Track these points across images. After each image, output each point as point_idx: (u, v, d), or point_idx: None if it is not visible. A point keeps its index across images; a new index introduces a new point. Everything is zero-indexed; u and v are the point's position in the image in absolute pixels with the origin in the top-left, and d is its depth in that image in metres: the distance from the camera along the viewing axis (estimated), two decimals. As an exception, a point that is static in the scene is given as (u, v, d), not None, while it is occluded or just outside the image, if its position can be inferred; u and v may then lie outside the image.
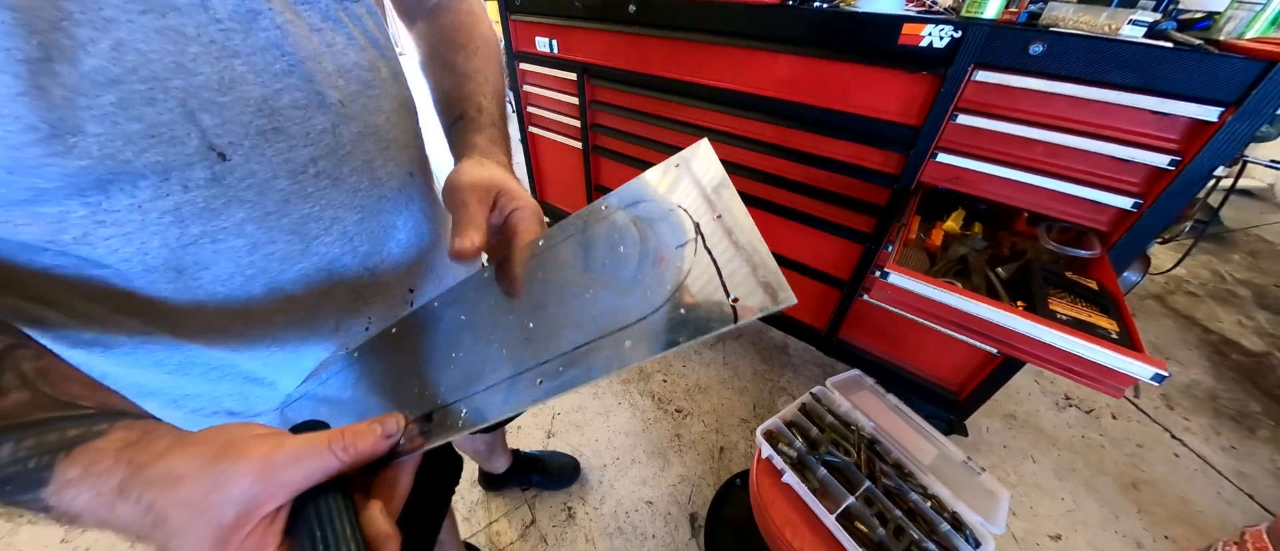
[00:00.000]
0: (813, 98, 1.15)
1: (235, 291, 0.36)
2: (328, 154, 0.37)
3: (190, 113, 0.29)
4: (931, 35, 0.91)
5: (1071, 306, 0.73)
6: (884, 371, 1.33)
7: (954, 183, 1.01)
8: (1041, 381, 1.72)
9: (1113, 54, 0.78)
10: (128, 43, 0.26)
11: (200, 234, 0.32)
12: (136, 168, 0.28)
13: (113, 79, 0.26)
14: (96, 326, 0.33)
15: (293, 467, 0.24)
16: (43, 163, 0.25)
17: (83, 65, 0.25)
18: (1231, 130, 0.74)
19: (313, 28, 0.35)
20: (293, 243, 0.37)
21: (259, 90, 0.32)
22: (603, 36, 1.47)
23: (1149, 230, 0.85)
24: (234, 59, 0.30)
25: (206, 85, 0.29)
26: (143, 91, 0.27)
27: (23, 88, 0.24)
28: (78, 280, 0.31)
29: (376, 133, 0.41)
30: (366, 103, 0.39)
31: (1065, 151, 0.88)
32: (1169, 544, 1.27)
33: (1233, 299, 2.26)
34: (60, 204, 0.27)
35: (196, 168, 0.30)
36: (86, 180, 0.27)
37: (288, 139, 0.34)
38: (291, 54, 0.33)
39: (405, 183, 0.46)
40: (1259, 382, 1.79)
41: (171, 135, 0.29)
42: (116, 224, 0.29)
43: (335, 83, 0.36)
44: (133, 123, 0.27)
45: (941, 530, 0.77)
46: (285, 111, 0.33)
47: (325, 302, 0.41)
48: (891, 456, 0.89)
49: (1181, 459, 1.50)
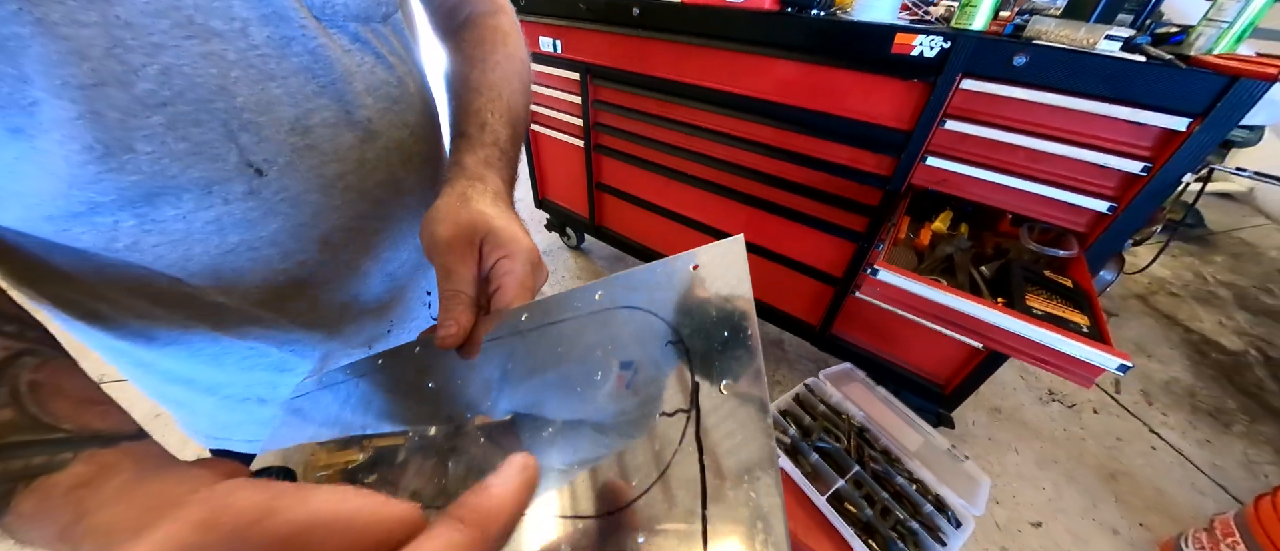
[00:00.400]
0: (809, 102, 1.19)
1: (268, 295, 0.39)
2: (355, 169, 0.39)
3: (231, 132, 0.31)
4: (922, 45, 0.96)
5: (1047, 302, 0.78)
6: (875, 365, 1.39)
7: (942, 185, 1.06)
8: (1026, 377, 1.78)
9: (1090, 66, 0.83)
10: (175, 68, 0.28)
11: (238, 243, 0.35)
12: (181, 183, 0.30)
13: (162, 101, 0.28)
14: (143, 319, 0.37)
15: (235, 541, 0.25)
16: (98, 179, 0.28)
17: (134, 89, 0.27)
18: (1198, 139, 0.79)
19: (343, 50, 0.36)
20: (322, 251, 0.39)
21: (293, 111, 0.34)
22: (605, 38, 1.51)
23: (1123, 232, 0.91)
24: (270, 82, 0.32)
25: (246, 107, 0.31)
26: (189, 113, 0.29)
27: (79, 112, 0.26)
28: (127, 280, 0.33)
29: (401, 147, 0.43)
30: (392, 119, 0.41)
31: (1046, 157, 0.93)
32: (1144, 531, 1.33)
33: (1214, 299, 2.34)
34: (113, 215, 0.30)
35: (235, 183, 0.32)
36: (136, 194, 0.29)
37: (319, 156, 0.36)
38: (323, 76, 0.35)
39: (426, 195, 0.48)
40: (1236, 380, 1.86)
41: (214, 153, 0.31)
42: (163, 233, 0.32)
43: (364, 102, 0.38)
44: (179, 142, 0.29)
45: (925, 511, 0.82)
46: (316, 130, 0.35)
47: (351, 306, 0.44)
48: (880, 443, 0.94)
49: (1158, 451, 1.56)
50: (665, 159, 1.61)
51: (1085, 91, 0.85)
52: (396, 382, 0.38)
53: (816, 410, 1.00)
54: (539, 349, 0.29)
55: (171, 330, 0.38)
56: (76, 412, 0.26)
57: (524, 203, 2.88)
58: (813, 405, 1.02)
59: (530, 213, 2.74)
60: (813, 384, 1.07)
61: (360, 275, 0.44)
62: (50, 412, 0.26)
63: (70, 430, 0.26)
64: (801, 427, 0.96)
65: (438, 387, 0.33)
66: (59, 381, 0.27)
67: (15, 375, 0.26)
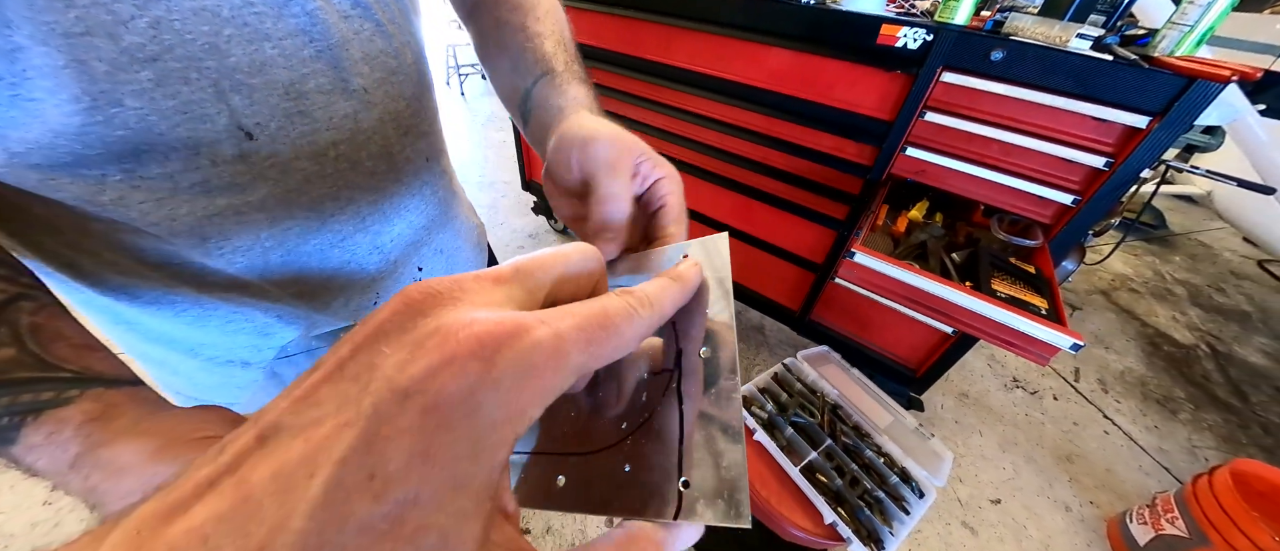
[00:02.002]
0: (796, 89, 1.22)
1: (254, 260, 0.38)
2: (349, 138, 0.38)
3: (222, 93, 0.30)
4: (907, 37, 0.99)
5: (1011, 287, 0.83)
6: (851, 349, 1.44)
7: (920, 175, 1.10)
8: (993, 365, 1.86)
9: (1062, 63, 0.87)
10: (166, 21, 0.27)
11: (225, 206, 0.34)
12: (169, 141, 0.30)
13: (151, 56, 0.27)
14: (125, 276, 0.36)
15: None
16: (84, 130, 0.27)
17: (123, 41, 0.26)
18: (1157, 137, 0.84)
19: (342, 15, 0.35)
20: (310, 220, 0.39)
21: (287, 75, 0.33)
22: (597, 18, 1.51)
23: (1084, 224, 0.96)
24: (265, 43, 0.31)
25: (238, 67, 0.30)
26: (178, 70, 0.28)
27: (65, 60, 0.25)
28: (109, 236, 0.33)
29: (397, 118, 0.42)
30: (389, 89, 0.40)
31: (1018, 150, 0.97)
32: (1093, 508, 1.42)
33: (1170, 296, 2.46)
34: (100, 169, 0.29)
35: (225, 145, 0.32)
36: (123, 149, 0.29)
37: (312, 122, 0.35)
38: (320, 41, 0.34)
39: (420, 167, 0.47)
40: (1185, 372, 1.98)
41: (203, 113, 0.30)
42: (149, 190, 0.31)
43: (360, 70, 0.37)
44: (168, 99, 0.29)
45: (891, 482, 0.87)
46: (311, 96, 0.34)
47: (337, 276, 0.44)
48: (851, 420, 0.99)
49: (1110, 436, 1.66)
50: (652, 142, 1.61)
51: (1056, 88, 0.89)
52: None
53: (793, 388, 1.05)
54: None
55: (154, 290, 0.38)
56: (77, 356, 0.27)
57: (512, 185, 2.87)
58: (790, 383, 1.06)
59: (518, 195, 2.73)
60: (791, 364, 1.11)
61: (349, 246, 0.43)
62: (52, 354, 0.26)
63: (74, 370, 0.27)
64: (778, 403, 1.01)
65: None
66: (57, 325, 0.28)
67: (15, 317, 0.26)
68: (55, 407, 0.24)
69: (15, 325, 0.26)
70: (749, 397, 1.02)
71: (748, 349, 1.84)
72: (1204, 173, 1.33)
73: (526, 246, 2.40)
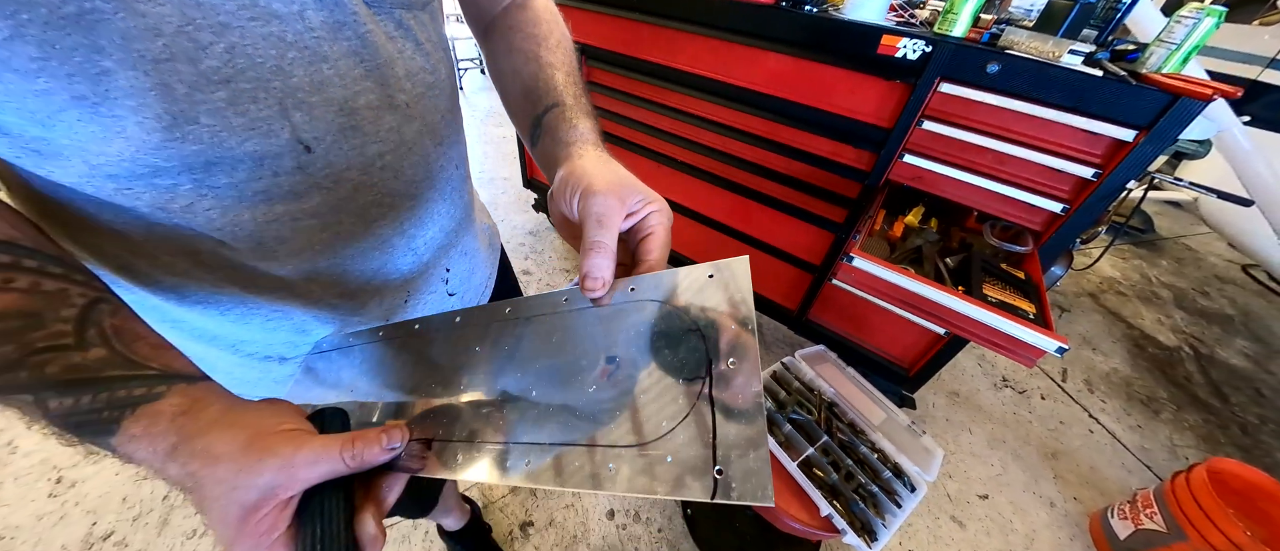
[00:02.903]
0: (798, 95, 1.25)
1: (303, 263, 0.41)
2: (393, 149, 0.41)
3: (285, 110, 0.33)
4: (906, 47, 1.02)
5: (1001, 292, 0.87)
6: (846, 349, 1.48)
7: (916, 181, 1.13)
8: (983, 365, 1.91)
9: (1054, 77, 0.90)
10: (239, 47, 0.30)
11: (283, 213, 0.37)
12: (237, 154, 0.33)
13: (225, 78, 0.30)
14: (177, 277, 0.39)
15: (309, 468, 0.28)
16: (163, 146, 0.30)
17: (201, 65, 0.29)
18: (1143, 149, 0.88)
19: (387, 36, 0.38)
20: (356, 225, 0.42)
21: (341, 92, 0.36)
22: (603, 20, 1.53)
23: (1073, 231, 1.00)
24: (323, 64, 0.34)
25: (299, 87, 0.33)
26: (248, 90, 0.31)
27: (152, 83, 0.28)
28: (172, 240, 0.35)
29: (433, 130, 0.45)
30: (427, 103, 0.43)
31: (1011, 159, 1.01)
32: (1077, 504, 1.48)
33: (1155, 299, 2.52)
34: (173, 179, 0.32)
35: (285, 157, 0.35)
36: (196, 161, 0.32)
37: (362, 136, 0.38)
38: (369, 60, 0.37)
39: (450, 174, 0.51)
40: (1168, 373, 2.04)
41: (268, 128, 0.33)
42: (216, 199, 0.34)
43: (403, 86, 0.40)
44: (238, 117, 0.31)
45: (884, 477, 0.91)
46: (361, 111, 0.37)
47: (375, 279, 0.47)
48: (847, 417, 1.03)
49: (1095, 434, 1.71)
50: (654, 143, 1.65)
51: (1048, 101, 0.93)
52: (401, 354, 0.42)
53: (791, 386, 1.08)
54: (550, 335, 0.35)
55: (203, 290, 0.41)
56: (157, 355, 0.30)
57: (512, 182, 2.88)
58: (788, 381, 1.10)
59: (518, 192, 2.75)
60: (789, 362, 1.15)
61: (388, 249, 0.47)
62: (136, 354, 0.29)
63: (159, 368, 0.30)
64: (777, 401, 1.04)
65: (440, 363, 0.38)
66: (134, 327, 0.31)
67: (99, 319, 0.29)
68: (149, 402, 0.28)
69: (100, 327, 0.29)
70: (749, 395, 1.06)
71: (745, 347, 1.87)
72: (1187, 185, 1.37)
73: (527, 244, 2.42)
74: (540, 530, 1.28)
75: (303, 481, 0.28)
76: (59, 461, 1.38)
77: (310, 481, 0.28)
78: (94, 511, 1.29)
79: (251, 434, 0.28)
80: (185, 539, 1.24)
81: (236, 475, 0.27)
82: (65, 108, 0.27)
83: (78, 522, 1.26)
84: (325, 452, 0.29)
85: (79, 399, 0.26)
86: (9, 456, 1.39)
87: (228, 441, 0.28)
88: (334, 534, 0.28)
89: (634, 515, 1.32)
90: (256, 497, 0.27)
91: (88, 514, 1.28)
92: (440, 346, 0.40)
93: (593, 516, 1.31)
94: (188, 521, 1.27)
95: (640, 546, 1.25)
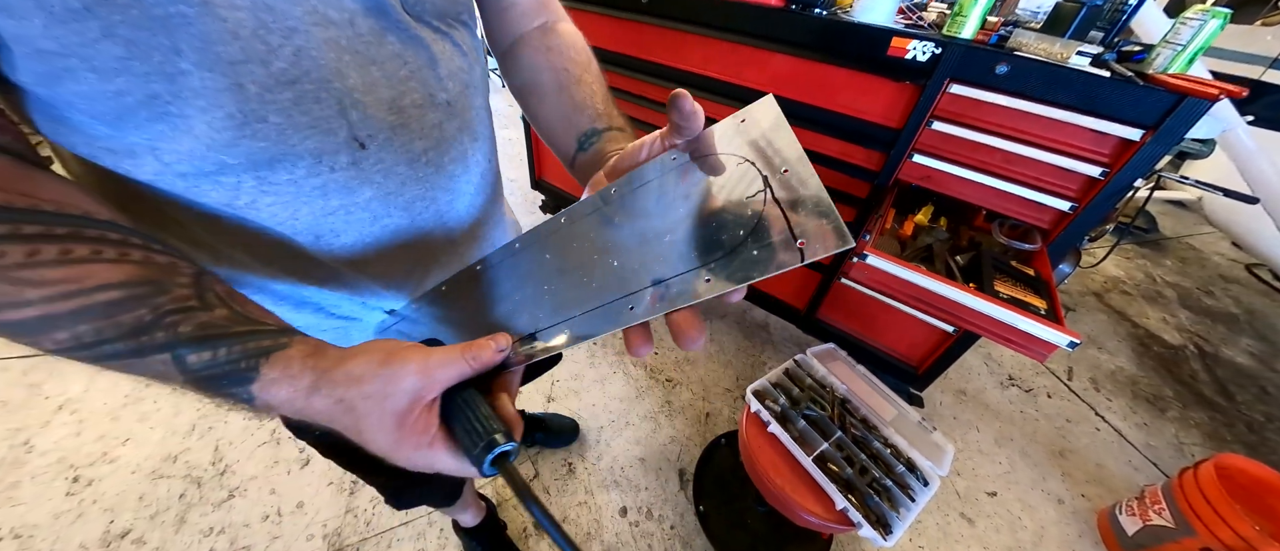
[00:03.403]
0: (807, 96, 1.26)
1: (354, 253, 0.44)
2: (436, 145, 0.44)
3: (343, 110, 0.36)
4: (916, 49, 1.04)
5: (1012, 288, 0.88)
6: (855, 347, 1.49)
7: (926, 181, 1.15)
8: (989, 363, 1.92)
9: (1062, 78, 0.92)
10: (304, 50, 0.32)
11: (338, 206, 0.39)
12: (299, 151, 0.35)
13: (292, 79, 0.32)
14: (235, 268, 0.41)
15: (443, 370, 0.31)
16: (233, 143, 0.32)
17: (272, 67, 0.31)
18: (1149, 149, 0.90)
19: (429, 40, 0.41)
20: (402, 217, 0.45)
21: (390, 92, 0.38)
22: (614, 23, 1.55)
23: (1081, 229, 1.01)
24: (372, 66, 0.36)
25: (354, 88, 0.36)
26: (311, 91, 0.33)
27: (227, 84, 0.30)
28: (237, 233, 0.38)
29: (469, 126, 0.48)
30: (464, 101, 0.46)
31: (1019, 159, 1.03)
32: (1084, 500, 1.49)
33: (1160, 299, 2.54)
34: (237, 176, 0.34)
35: (342, 154, 0.37)
36: (261, 158, 0.34)
37: (408, 133, 0.40)
38: (413, 62, 0.39)
39: (485, 168, 0.54)
40: (1173, 372, 2.05)
41: (328, 127, 0.35)
42: (277, 194, 0.36)
43: (445, 85, 0.43)
44: (302, 116, 0.34)
45: (898, 471, 0.93)
46: (408, 110, 0.40)
47: (418, 265, 0.50)
48: (859, 413, 1.04)
49: (1101, 432, 1.72)
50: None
51: (1056, 101, 0.94)
52: (471, 297, 0.45)
53: (804, 383, 1.10)
54: (610, 223, 0.38)
55: (260, 279, 0.43)
56: (267, 316, 0.33)
57: (520, 183, 2.90)
58: (800, 378, 1.11)
59: (526, 193, 2.77)
60: (801, 360, 1.17)
61: (428, 238, 0.49)
62: (251, 313, 0.32)
63: (274, 325, 0.32)
64: (790, 398, 1.06)
65: (509, 289, 0.41)
66: (240, 295, 0.33)
67: (211, 286, 0.31)
68: (279, 350, 0.30)
69: (216, 291, 0.31)
70: (762, 392, 1.07)
71: (753, 345, 1.89)
72: (1193, 183, 1.39)
73: (535, 244, 2.43)
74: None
75: (441, 382, 0.31)
76: (75, 460, 1.39)
77: (447, 382, 0.31)
78: (111, 509, 1.30)
79: (384, 354, 0.31)
80: (202, 536, 1.25)
81: (384, 386, 0.29)
82: (136, 108, 0.29)
83: (95, 520, 1.27)
84: (451, 357, 0.32)
85: (216, 352, 0.29)
86: (25, 455, 1.40)
87: (365, 364, 0.30)
88: (483, 417, 0.31)
89: (646, 512, 1.33)
90: (407, 402, 0.30)
91: (105, 512, 1.29)
92: (505, 273, 0.42)
93: (606, 513, 1.32)
94: (205, 518, 1.28)
95: (653, 544, 1.26)
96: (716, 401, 1.65)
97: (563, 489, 1.37)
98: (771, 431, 0.98)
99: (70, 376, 1.59)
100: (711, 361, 1.80)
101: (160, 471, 1.36)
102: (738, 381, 1.73)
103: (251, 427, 1.47)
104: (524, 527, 1.30)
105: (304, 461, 1.40)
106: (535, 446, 1.45)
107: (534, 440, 1.44)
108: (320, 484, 1.35)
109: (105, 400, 1.53)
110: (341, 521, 1.27)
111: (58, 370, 1.61)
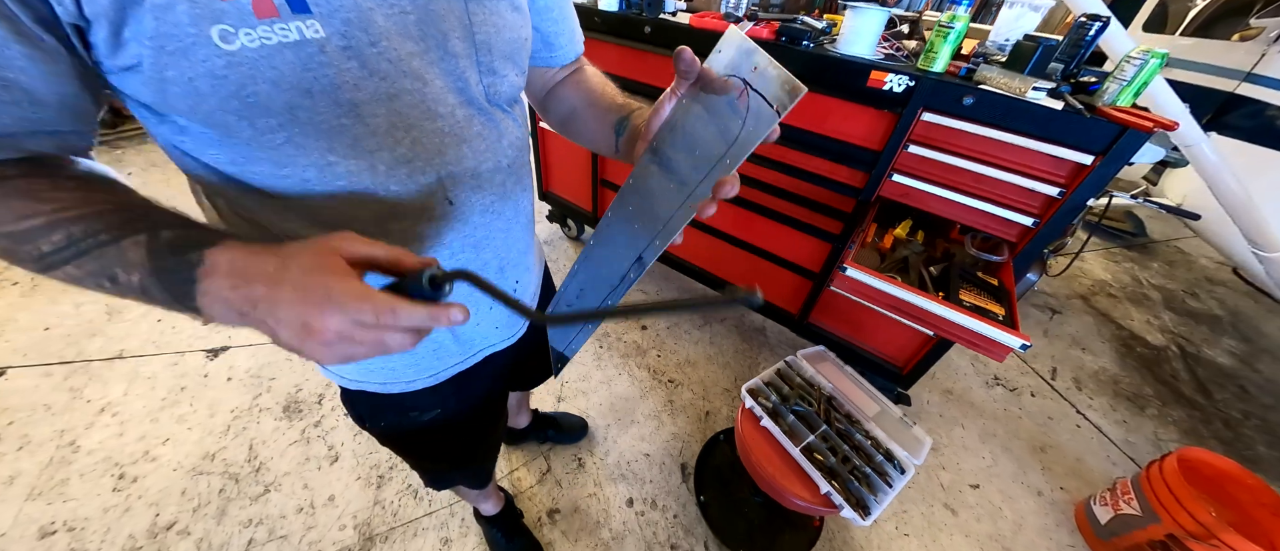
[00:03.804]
0: (799, 121, 1.38)
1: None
2: (498, 198, 0.55)
3: (441, 179, 0.47)
4: (892, 81, 1.15)
5: (976, 297, 0.99)
6: (845, 349, 1.60)
7: (904, 197, 1.26)
8: (975, 364, 2.02)
9: (1021, 110, 1.03)
10: (419, 139, 0.44)
11: (429, 248, 0.51)
12: (407, 209, 0.47)
13: (407, 159, 0.44)
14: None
15: (361, 243, 0.35)
16: (363, 203, 0.43)
17: (397, 151, 0.42)
18: (1100, 172, 1.00)
19: (499, 119, 0.52)
20: (472, 255, 0.57)
21: (473, 163, 0.49)
22: (618, 50, 1.67)
23: (1043, 242, 1.12)
24: (464, 145, 0.48)
25: (450, 162, 0.47)
26: (421, 166, 0.45)
27: (367, 165, 0.41)
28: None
29: (521, 179, 0.61)
30: (519, 159, 0.58)
31: (987, 179, 1.13)
32: (1063, 493, 1.58)
33: (1145, 301, 2.63)
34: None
35: (437, 209, 0.49)
36: (383, 212, 0.45)
37: (482, 191, 0.52)
38: (489, 137, 0.50)
39: (527, 210, 0.66)
40: (1155, 371, 2.14)
41: (430, 191, 0.47)
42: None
43: (508, 153, 0.54)
44: (413, 184, 0.45)
45: (877, 460, 1.03)
46: (483, 174, 0.51)
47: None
48: (844, 409, 1.15)
49: (1082, 429, 1.82)
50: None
51: (1017, 129, 1.05)
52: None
53: (794, 382, 1.21)
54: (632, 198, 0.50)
55: None
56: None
57: (525, 193, 3.02)
58: (790, 377, 1.22)
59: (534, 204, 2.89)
60: (791, 361, 1.27)
61: (489, 270, 0.61)
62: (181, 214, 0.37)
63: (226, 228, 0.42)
64: (781, 395, 1.17)
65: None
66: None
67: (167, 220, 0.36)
68: (217, 240, 0.35)
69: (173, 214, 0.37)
70: (756, 390, 1.18)
71: (750, 349, 2.00)
72: (1143, 201, 1.49)
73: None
74: (566, 516, 1.41)
75: (360, 247, 0.34)
76: (119, 459, 1.50)
77: (365, 254, 0.35)
78: (156, 503, 1.40)
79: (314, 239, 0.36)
80: (242, 527, 1.36)
81: (309, 242, 0.34)
82: (290, 182, 0.41)
83: (141, 514, 1.37)
84: (370, 242, 0.36)
85: (189, 232, 0.34)
86: (72, 455, 1.51)
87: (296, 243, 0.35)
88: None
89: (651, 503, 1.44)
90: (328, 245, 0.34)
91: (150, 506, 1.40)
92: (606, 238, 0.53)
93: (614, 504, 1.43)
94: (243, 511, 1.39)
95: (657, 531, 1.37)
96: (716, 401, 1.76)
97: (573, 481, 1.48)
98: (764, 424, 1.09)
99: (110, 381, 1.71)
100: (711, 363, 1.91)
101: (200, 468, 1.47)
102: (736, 382, 1.84)
103: (282, 427, 1.59)
104: (537, 517, 1.41)
105: (333, 458, 1.51)
106: (547, 443, 1.56)
107: (546, 437, 1.55)
108: (350, 478, 1.46)
109: (144, 403, 1.63)
110: (371, 512, 1.38)
111: (98, 376, 1.73)
